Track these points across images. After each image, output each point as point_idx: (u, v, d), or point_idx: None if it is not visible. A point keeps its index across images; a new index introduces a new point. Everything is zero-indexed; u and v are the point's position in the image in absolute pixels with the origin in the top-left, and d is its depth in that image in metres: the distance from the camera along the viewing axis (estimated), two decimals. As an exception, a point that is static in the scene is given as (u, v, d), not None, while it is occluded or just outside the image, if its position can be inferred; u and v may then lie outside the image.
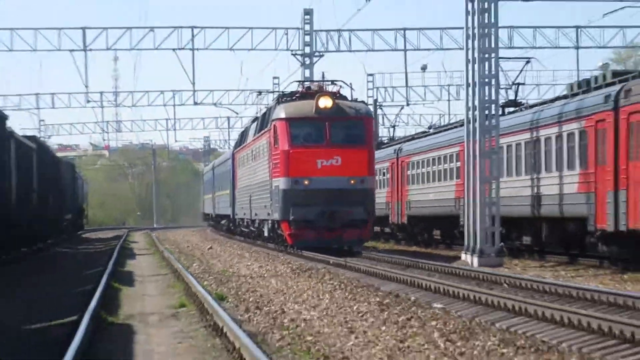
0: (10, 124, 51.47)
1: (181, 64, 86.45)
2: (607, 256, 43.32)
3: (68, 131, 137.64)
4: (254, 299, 27.57)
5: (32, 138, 66.03)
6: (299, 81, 65.19)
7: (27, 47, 78.12)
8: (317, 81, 69.50)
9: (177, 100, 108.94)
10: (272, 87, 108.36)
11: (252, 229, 75.97)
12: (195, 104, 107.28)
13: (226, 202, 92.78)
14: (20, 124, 67.86)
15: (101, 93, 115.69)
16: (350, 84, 62.21)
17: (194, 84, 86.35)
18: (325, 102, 54.23)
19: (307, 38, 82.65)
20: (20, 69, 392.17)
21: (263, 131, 62.67)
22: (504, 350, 16.67)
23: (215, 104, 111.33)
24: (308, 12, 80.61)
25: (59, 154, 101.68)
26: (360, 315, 23.04)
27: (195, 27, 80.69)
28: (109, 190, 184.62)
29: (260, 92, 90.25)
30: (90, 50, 79.46)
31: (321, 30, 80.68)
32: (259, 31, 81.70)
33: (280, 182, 55.19)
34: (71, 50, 79.05)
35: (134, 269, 44.93)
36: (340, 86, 60.78)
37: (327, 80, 65.40)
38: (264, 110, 70.55)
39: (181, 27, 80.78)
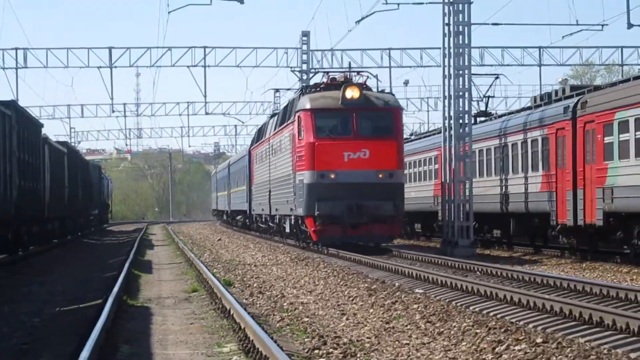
0: (44, 131, 51.80)
1: (194, 79, 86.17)
2: (567, 247, 44.23)
3: (95, 137, 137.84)
4: (258, 285, 27.54)
5: (64, 143, 66.10)
6: (324, 71, 55.66)
7: (60, 64, 77.76)
8: (342, 71, 61.42)
9: (190, 110, 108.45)
10: (274, 99, 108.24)
11: (272, 224, 66.49)
12: (207, 113, 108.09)
13: (242, 198, 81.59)
14: (53, 132, 67.81)
15: (124, 104, 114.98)
16: (377, 75, 54.65)
17: (205, 96, 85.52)
18: (352, 93, 46.07)
19: (305, 57, 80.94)
20: (54, 83, 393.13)
21: (285, 124, 53.61)
22: (477, 331, 16.56)
23: (224, 114, 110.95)
24: (305, 34, 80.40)
25: (87, 158, 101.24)
26: (350, 299, 23.03)
27: (207, 47, 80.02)
28: (130, 189, 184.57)
29: (277, 90, 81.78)
30: (115, 67, 78.89)
31: (317, 50, 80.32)
32: (263, 50, 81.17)
33: (305, 176, 46.64)
34: (99, 67, 78.59)
35: (152, 257, 44.81)
36: (368, 76, 51.88)
37: (353, 70, 56.86)
38: (286, 103, 60.82)
39: (195, 47, 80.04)
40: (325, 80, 52.53)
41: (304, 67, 79.28)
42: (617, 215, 36.61)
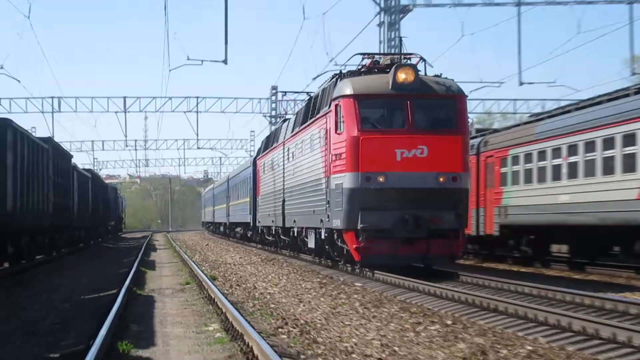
0: (73, 161, 51.70)
1: (189, 122, 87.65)
2: (472, 252, 43.16)
3: (113, 166, 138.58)
4: (236, 279, 27.39)
5: (89, 170, 65.70)
6: (364, 53, 35.40)
7: (86, 109, 77.84)
8: (387, 54, 40.15)
9: (185, 145, 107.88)
10: (249, 137, 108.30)
11: (284, 238, 45.44)
12: (198, 148, 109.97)
13: (243, 210, 62.69)
14: (81, 161, 67.62)
15: (135, 140, 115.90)
16: (426, 61, 34.16)
17: (197, 135, 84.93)
18: (405, 75, 30.44)
19: (274, 105, 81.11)
20: (81, 123, 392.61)
21: (314, 119, 35.23)
22: (403, 315, 16.61)
23: (211, 148, 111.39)
24: (274, 88, 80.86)
25: (106, 181, 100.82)
26: (306, 290, 22.97)
27: (199, 97, 79.94)
28: (139, 205, 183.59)
29: (253, 131, 58.04)
30: (129, 112, 79.11)
31: (283, 100, 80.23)
32: (242, 100, 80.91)
33: (345, 179, 29.38)
34: (116, 112, 78.79)
35: (155, 258, 44.50)
36: (421, 58, 33.43)
37: (401, 54, 35.72)
38: (314, 94, 39.14)
39: (189, 97, 79.80)
40: (367, 63, 33.48)
41: (273, 112, 79.74)
42: (509, 227, 37.08)
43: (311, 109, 35.78)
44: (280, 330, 15.09)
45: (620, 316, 16.80)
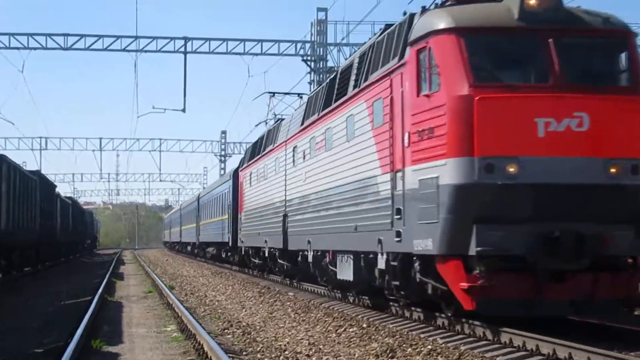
0: (57, 190, 51.22)
1: (153, 159, 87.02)
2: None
3: (90, 194, 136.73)
4: (190, 289, 27.17)
5: (69, 197, 65.58)
6: None
7: (68, 148, 77.56)
8: None
9: (150, 178, 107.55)
10: (203, 172, 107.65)
11: (283, 262, 28.05)
12: (160, 181, 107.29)
13: (217, 230, 45.86)
14: (63, 190, 67.01)
15: (108, 174, 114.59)
16: None
17: (160, 169, 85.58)
18: None
19: (223, 146, 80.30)
20: (64, 159, 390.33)
21: (355, 92, 17.94)
22: (327, 319, 16.50)
23: (171, 181, 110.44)
24: (224, 132, 79.75)
25: (84, 207, 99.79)
26: (248, 298, 22.79)
27: (162, 139, 79.90)
28: (111, 227, 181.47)
29: (273, 94, 39.63)
30: (104, 150, 78.81)
31: (231, 142, 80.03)
32: (197, 142, 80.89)
33: (445, 171, 12.74)
34: (93, 150, 78.48)
35: (124, 271, 43.97)
36: None
37: None
38: (348, 62, 20.31)
39: (154, 138, 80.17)
40: None
41: (223, 152, 79.00)
42: None
43: (342, 84, 19.75)
44: (226, 331, 14.99)
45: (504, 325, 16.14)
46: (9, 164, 28.95)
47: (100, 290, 23.22)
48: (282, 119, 29.90)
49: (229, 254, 42.11)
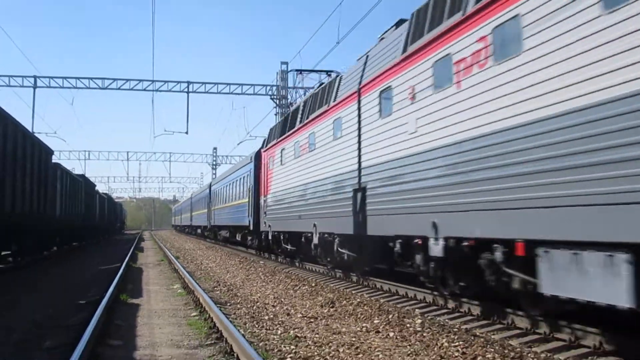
0: (96, 188, 50.50)
1: (164, 167, 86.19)
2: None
3: (120, 191, 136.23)
4: (191, 258, 26.86)
5: (105, 193, 64.48)
6: None
7: (104, 158, 76.84)
8: None
9: (162, 180, 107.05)
10: (200, 176, 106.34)
11: (346, 252, 15.10)
12: (170, 182, 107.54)
13: (237, 213, 32.16)
14: (101, 188, 66.69)
15: (133, 177, 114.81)
16: None
17: (170, 174, 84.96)
18: None
19: (214, 158, 78.93)
20: (101, 167, 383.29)
21: None
22: (287, 280, 16.47)
23: (178, 182, 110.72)
24: (215, 148, 77.55)
25: (116, 200, 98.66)
26: (231, 265, 22.60)
27: (172, 153, 79.46)
28: (134, 214, 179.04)
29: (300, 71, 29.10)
30: (130, 160, 78.02)
31: (221, 155, 79.39)
32: (196, 154, 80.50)
33: None
34: (122, 160, 77.57)
35: (143, 245, 43.49)
36: None
37: None
38: None
39: (165, 152, 79.56)
40: None
41: (214, 162, 77.64)
42: None
43: None
44: (215, 288, 14.84)
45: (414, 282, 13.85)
46: (62, 170, 28.85)
47: (126, 259, 22.94)
48: (338, 75, 16.99)
49: (249, 237, 30.01)
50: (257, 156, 27.07)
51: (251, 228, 27.29)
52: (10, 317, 10.65)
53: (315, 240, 17.58)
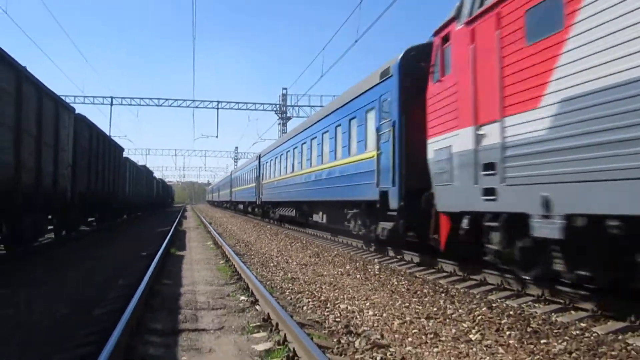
0: (154, 175, 49.84)
1: (202, 161, 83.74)
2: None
3: (170, 177, 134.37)
4: (221, 225, 26.45)
5: (161, 179, 64.00)
6: None
7: (160, 154, 75.72)
8: None
9: (200, 170, 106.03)
10: (225, 167, 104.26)
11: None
12: (205, 171, 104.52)
13: (302, 186, 14.13)
14: (158, 175, 65.75)
15: (180, 167, 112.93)
16: None
17: (205, 166, 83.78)
18: None
19: (235, 154, 77.12)
20: (158, 160, 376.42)
21: None
22: (286, 239, 16.20)
23: (211, 172, 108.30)
24: (236, 147, 76.89)
25: (168, 183, 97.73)
26: (248, 228, 22.21)
27: (206, 151, 78.18)
28: (180, 193, 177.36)
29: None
30: (177, 156, 76.75)
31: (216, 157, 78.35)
32: (223, 152, 79.35)
33: None
34: (172, 155, 76.70)
35: (187, 214, 43.09)
36: None
37: None
38: None
39: (202, 150, 78.24)
40: None
41: (236, 157, 76.16)
42: None
43: None
44: (236, 244, 14.63)
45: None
46: (130, 162, 28.71)
47: (174, 224, 22.57)
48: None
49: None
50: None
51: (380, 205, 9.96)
52: (95, 264, 10.53)
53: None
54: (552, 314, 5.94)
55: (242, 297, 7.14)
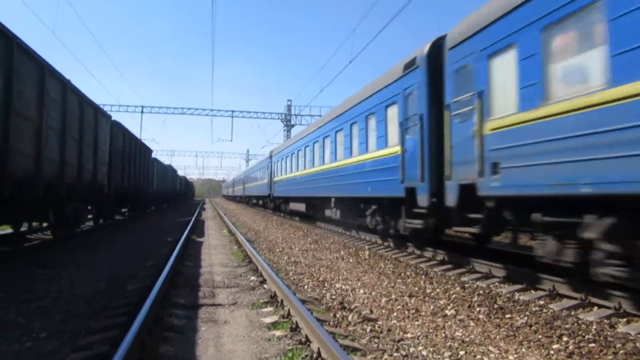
0: (178, 173, 49.67)
1: (219, 161, 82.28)
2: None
3: (191, 174, 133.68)
4: (235, 216, 26.12)
5: (183, 176, 63.91)
6: None
7: (183, 155, 75.35)
8: None
9: (216, 169, 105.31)
10: (238, 166, 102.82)
11: None
12: (221, 170, 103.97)
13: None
14: (181, 173, 65.22)
15: (200, 167, 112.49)
16: None
17: (221, 165, 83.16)
18: None
19: (246, 156, 76.88)
20: (182, 160, 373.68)
21: None
22: (290, 229, 16.01)
23: (225, 171, 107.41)
24: (248, 150, 76.70)
25: (190, 180, 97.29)
26: (258, 218, 21.98)
27: (223, 152, 77.51)
28: (200, 189, 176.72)
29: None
30: (198, 157, 76.52)
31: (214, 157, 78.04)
32: (238, 153, 79.36)
33: None
34: (193, 156, 76.36)
35: (207, 206, 42.92)
36: None
37: None
38: None
39: (219, 152, 77.87)
40: None
41: (248, 159, 75.81)
42: None
43: None
44: (248, 232, 14.56)
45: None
46: (158, 162, 28.65)
47: (195, 215, 22.44)
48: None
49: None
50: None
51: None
52: (127, 248, 10.52)
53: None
54: (516, 292, 6.06)
55: (253, 277, 7.17)
